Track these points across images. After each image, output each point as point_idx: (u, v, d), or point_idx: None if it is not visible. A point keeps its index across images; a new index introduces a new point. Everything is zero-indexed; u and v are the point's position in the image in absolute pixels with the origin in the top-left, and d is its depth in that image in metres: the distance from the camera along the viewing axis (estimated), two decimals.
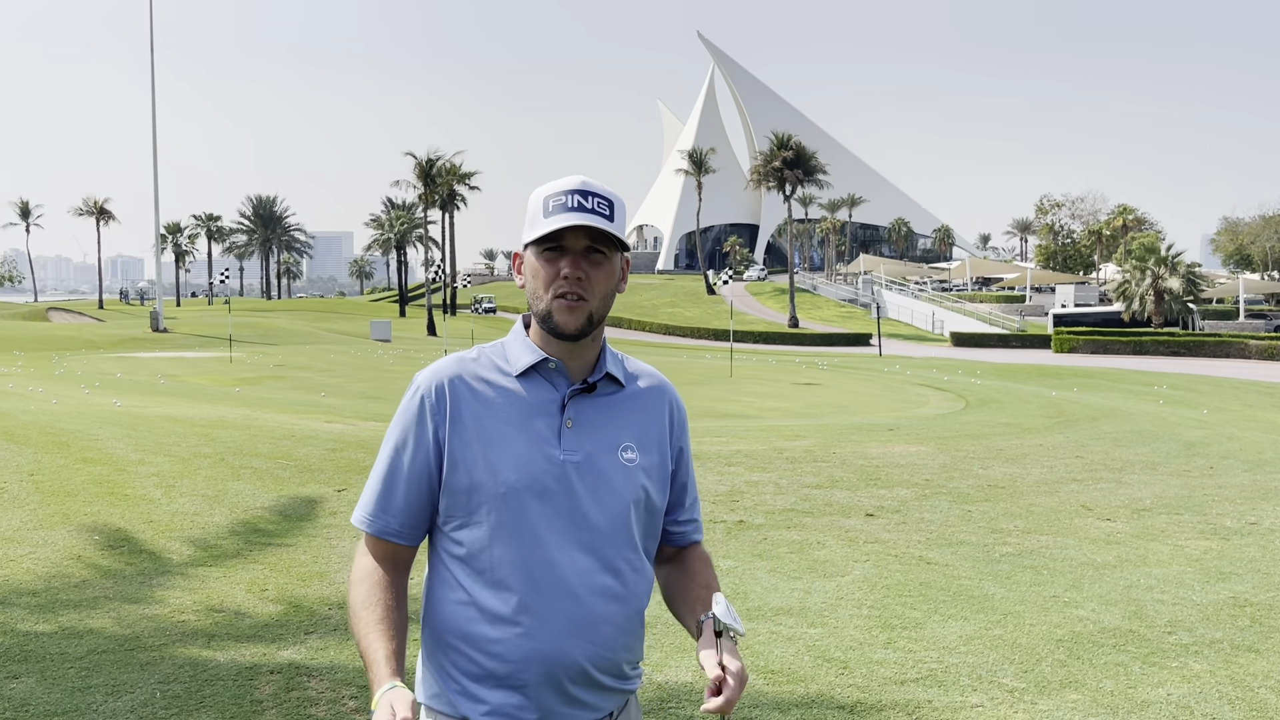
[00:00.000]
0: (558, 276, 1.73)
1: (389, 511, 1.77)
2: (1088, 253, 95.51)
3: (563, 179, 1.77)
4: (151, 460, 8.82)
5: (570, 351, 1.78)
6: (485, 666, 1.70)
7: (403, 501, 1.77)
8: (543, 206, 1.74)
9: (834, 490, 8.96)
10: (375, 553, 1.79)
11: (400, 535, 1.78)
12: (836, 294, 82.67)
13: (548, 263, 1.74)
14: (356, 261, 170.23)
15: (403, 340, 51.99)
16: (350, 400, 18.06)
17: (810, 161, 71.00)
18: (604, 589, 1.74)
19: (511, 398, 1.76)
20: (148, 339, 44.90)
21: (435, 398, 1.76)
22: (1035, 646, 4.89)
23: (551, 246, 1.73)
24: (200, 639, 4.69)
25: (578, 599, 1.71)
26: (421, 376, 1.79)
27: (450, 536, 1.77)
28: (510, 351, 1.81)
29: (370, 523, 1.78)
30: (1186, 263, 53.12)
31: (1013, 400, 19.74)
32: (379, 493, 1.78)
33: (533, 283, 1.76)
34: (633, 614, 1.79)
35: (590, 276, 1.73)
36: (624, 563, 1.77)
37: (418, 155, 68.25)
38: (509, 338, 1.84)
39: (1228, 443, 13.09)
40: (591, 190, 1.74)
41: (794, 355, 44.15)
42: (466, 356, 1.82)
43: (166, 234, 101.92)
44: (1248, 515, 8.23)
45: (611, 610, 1.74)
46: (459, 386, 1.76)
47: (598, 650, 1.73)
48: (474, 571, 1.73)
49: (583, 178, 1.76)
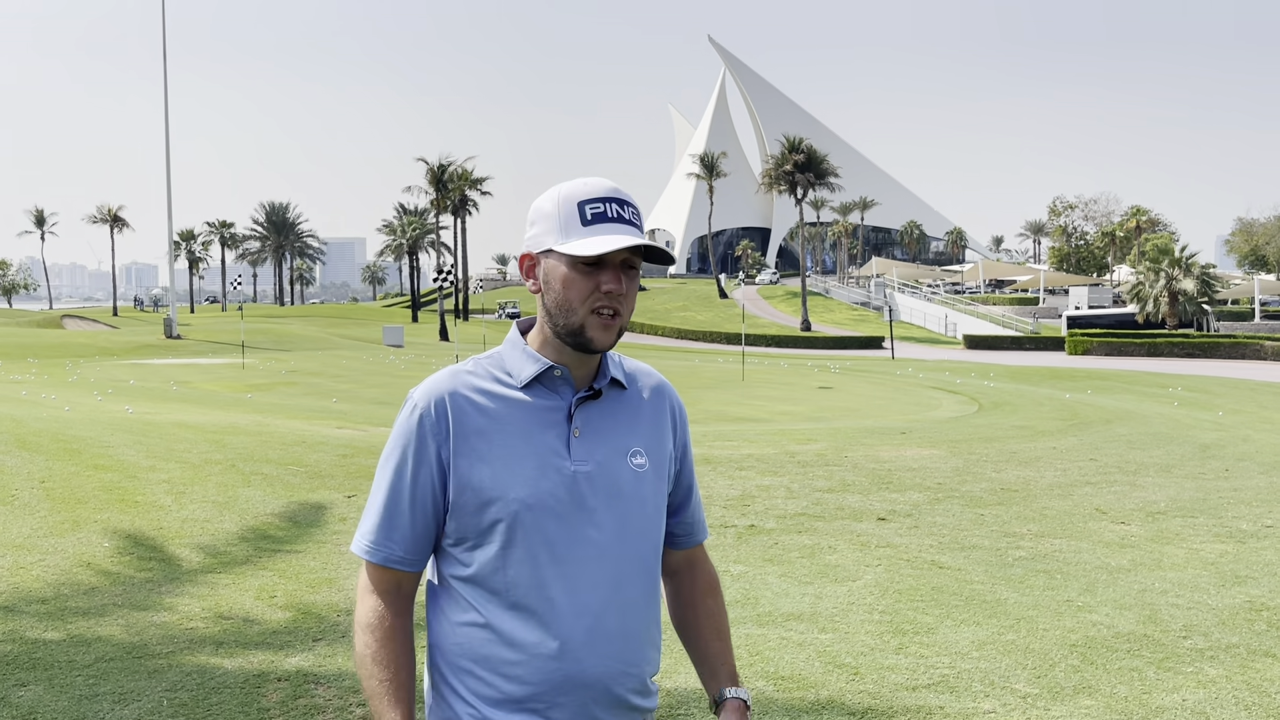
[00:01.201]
0: (595, 290, 1.64)
1: (393, 539, 1.68)
2: (1101, 254, 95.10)
3: (589, 181, 1.68)
4: (162, 467, 8.84)
5: (578, 359, 1.72)
6: (503, 690, 1.63)
7: (408, 527, 1.68)
8: (578, 213, 1.65)
9: (846, 494, 8.91)
10: (379, 584, 1.70)
11: (405, 562, 1.69)
12: (849, 297, 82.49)
13: (584, 275, 1.64)
14: (369, 267, 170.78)
15: (415, 345, 52.09)
16: (362, 406, 18.10)
17: (821, 165, 70.91)
18: (623, 602, 1.68)
19: (515, 410, 1.68)
20: (161, 346, 45.10)
21: (435, 415, 1.67)
22: (1049, 652, 4.84)
23: (591, 259, 1.65)
24: (208, 646, 4.68)
25: (597, 615, 1.65)
26: (417, 393, 1.70)
27: (458, 559, 1.68)
28: (510, 361, 1.73)
29: (373, 551, 1.69)
30: (1201, 264, 52.81)
31: (1026, 403, 19.63)
32: (381, 519, 1.69)
33: (564, 293, 1.66)
34: (652, 625, 1.74)
35: (627, 292, 1.66)
36: (640, 573, 1.72)
37: (429, 161, 68.41)
38: (505, 347, 1.75)
39: (1243, 445, 12.97)
40: (624, 198, 1.67)
41: (806, 359, 44.05)
42: (461, 369, 1.73)
43: (180, 241, 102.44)
44: (1264, 518, 8.15)
45: (631, 624, 1.69)
46: (459, 401, 1.67)
47: (620, 666, 1.67)
48: (488, 593, 1.65)
49: (611, 183, 1.69)
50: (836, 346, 57.21)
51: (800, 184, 70.81)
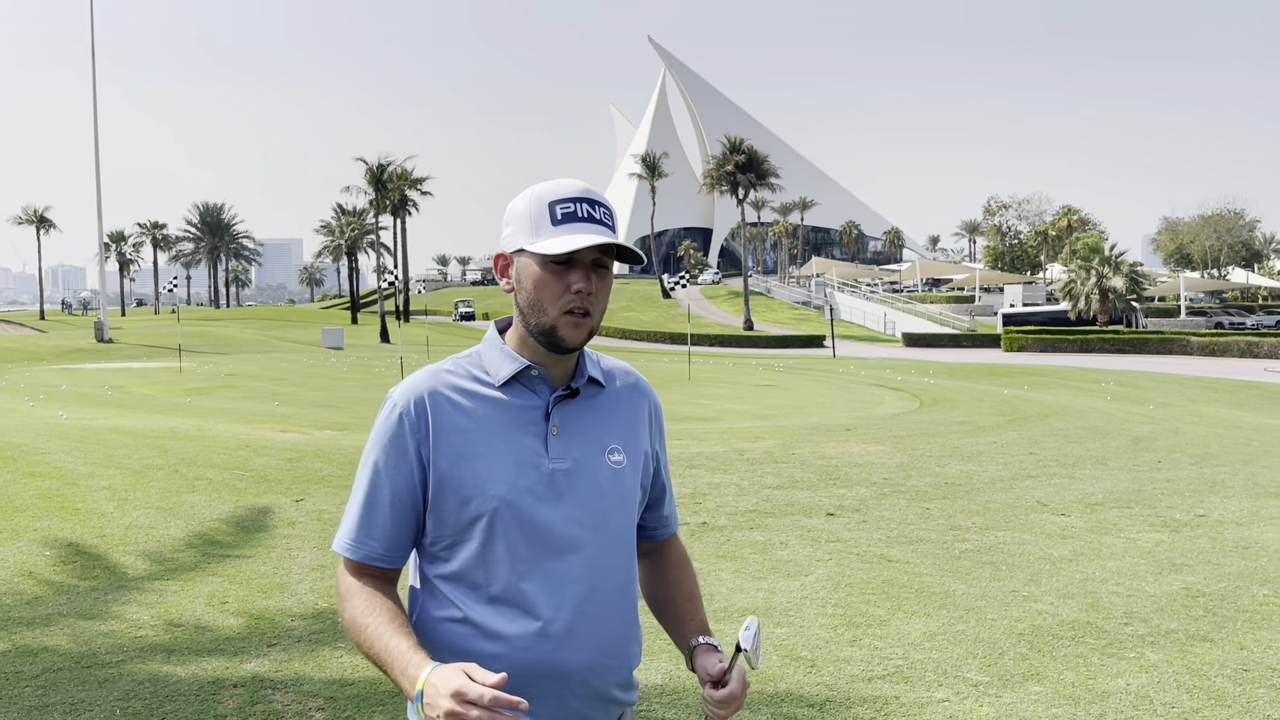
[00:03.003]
0: (567, 290, 1.67)
1: (373, 537, 1.70)
2: (1034, 253, 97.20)
3: (561, 182, 1.71)
4: (102, 473, 8.64)
5: (554, 358, 1.74)
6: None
7: (389, 525, 1.69)
8: (549, 213, 1.67)
9: (795, 490, 9.02)
10: (359, 580, 1.72)
11: (384, 559, 1.71)
12: (790, 296, 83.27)
13: (555, 275, 1.67)
14: (306, 268, 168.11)
15: (356, 348, 51.44)
16: (305, 409, 17.83)
17: (762, 165, 71.45)
18: (602, 596, 1.71)
19: (494, 409, 1.71)
20: (92, 350, 43.95)
21: (415, 414, 1.68)
22: (997, 641, 4.96)
23: (561, 258, 1.67)
24: (160, 654, 4.60)
25: (576, 609, 1.68)
26: (397, 392, 1.72)
27: (438, 555, 1.71)
28: (488, 361, 1.75)
29: (354, 549, 1.70)
30: (1129, 262, 54.28)
31: (966, 399, 20.01)
32: (361, 518, 1.70)
33: (535, 293, 1.68)
34: (631, 618, 1.78)
35: (597, 290, 1.69)
36: (619, 567, 1.75)
37: (369, 160, 67.62)
38: (484, 346, 1.78)
39: (1174, 437, 13.38)
40: (596, 198, 1.69)
41: (750, 357, 44.38)
42: (441, 368, 1.75)
43: (110, 243, 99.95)
44: (1196, 508, 8.42)
45: (611, 617, 1.72)
46: (439, 400, 1.69)
47: (600, 659, 1.70)
48: (467, 588, 1.68)
49: (583, 183, 1.71)
50: (779, 345, 57.73)
51: (742, 184, 71.27)
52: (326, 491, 8.47)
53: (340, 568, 1.74)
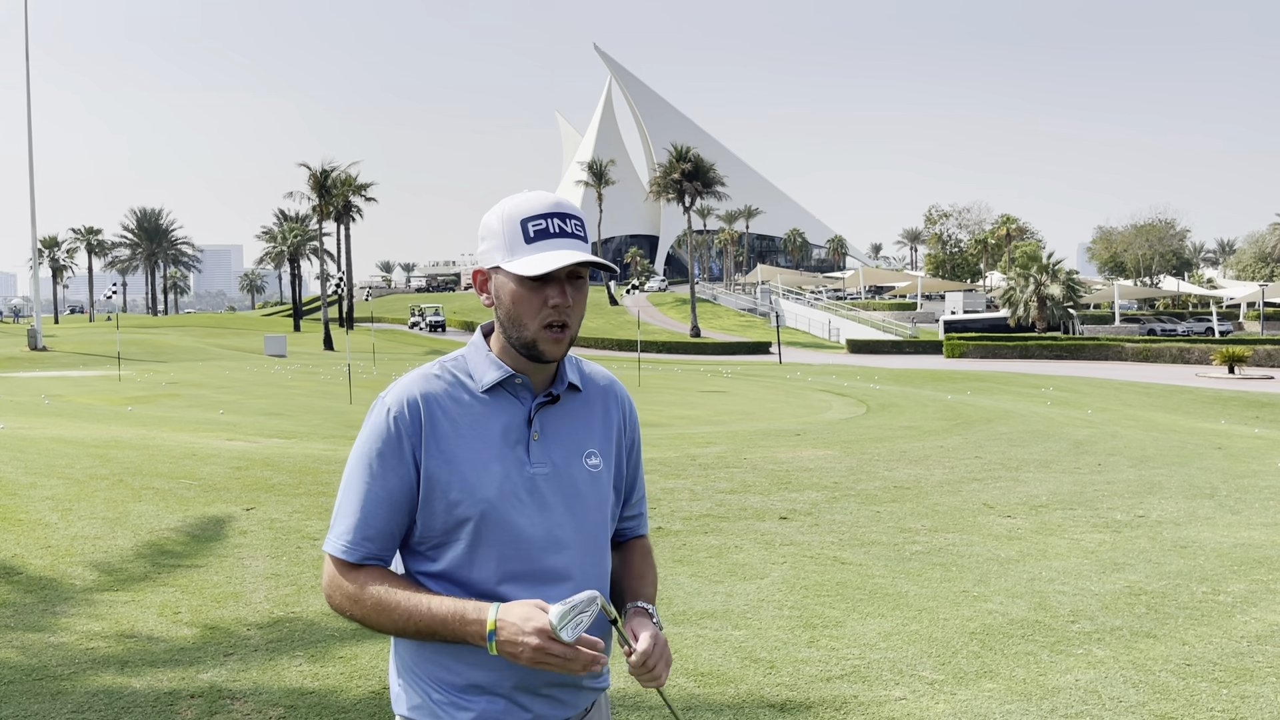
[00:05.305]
0: (545, 305, 1.71)
1: (370, 538, 1.72)
2: (974, 261, 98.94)
3: (531, 197, 1.73)
4: (44, 483, 8.45)
5: (537, 367, 1.79)
6: (467, 676, 1.71)
7: (384, 526, 1.72)
8: (522, 231, 1.70)
9: (747, 495, 9.11)
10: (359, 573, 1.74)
11: (380, 560, 1.75)
12: (736, 304, 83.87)
13: (532, 291, 1.70)
14: (247, 275, 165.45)
15: (299, 355, 50.70)
16: (250, 417, 17.55)
17: (709, 173, 71.92)
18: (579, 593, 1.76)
19: (480, 414, 1.74)
20: (25, 358, 42.78)
21: (409, 416, 1.71)
22: (950, 640, 5.07)
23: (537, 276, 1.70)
24: (113, 666, 4.52)
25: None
26: (390, 395, 1.74)
27: (424, 554, 1.75)
28: (474, 366, 1.79)
29: (351, 551, 1.72)
30: (1066, 270, 55.60)
31: (911, 404, 20.33)
32: (358, 519, 1.72)
33: (514, 309, 1.72)
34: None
35: (574, 302, 1.73)
36: (596, 566, 1.81)
37: (312, 166, 66.77)
38: (469, 350, 1.81)
39: (1112, 440, 13.74)
40: (568, 211, 1.72)
41: (698, 364, 44.60)
42: (429, 372, 1.78)
43: (43, 248, 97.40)
44: (1136, 509, 8.67)
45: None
46: (431, 404, 1.72)
47: None
48: (452, 585, 1.72)
49: (554, 196, 1.74)
50: (726, 352, 58.11)
51: (688, 192, 71.66)
52: (277, 500, 8.37)
53: (331, 570, 1.76)
